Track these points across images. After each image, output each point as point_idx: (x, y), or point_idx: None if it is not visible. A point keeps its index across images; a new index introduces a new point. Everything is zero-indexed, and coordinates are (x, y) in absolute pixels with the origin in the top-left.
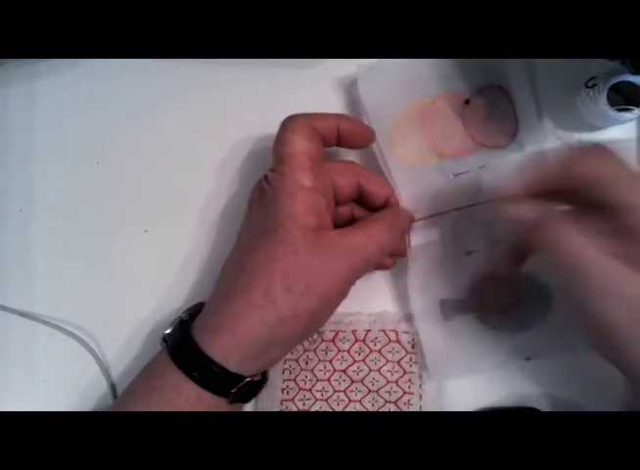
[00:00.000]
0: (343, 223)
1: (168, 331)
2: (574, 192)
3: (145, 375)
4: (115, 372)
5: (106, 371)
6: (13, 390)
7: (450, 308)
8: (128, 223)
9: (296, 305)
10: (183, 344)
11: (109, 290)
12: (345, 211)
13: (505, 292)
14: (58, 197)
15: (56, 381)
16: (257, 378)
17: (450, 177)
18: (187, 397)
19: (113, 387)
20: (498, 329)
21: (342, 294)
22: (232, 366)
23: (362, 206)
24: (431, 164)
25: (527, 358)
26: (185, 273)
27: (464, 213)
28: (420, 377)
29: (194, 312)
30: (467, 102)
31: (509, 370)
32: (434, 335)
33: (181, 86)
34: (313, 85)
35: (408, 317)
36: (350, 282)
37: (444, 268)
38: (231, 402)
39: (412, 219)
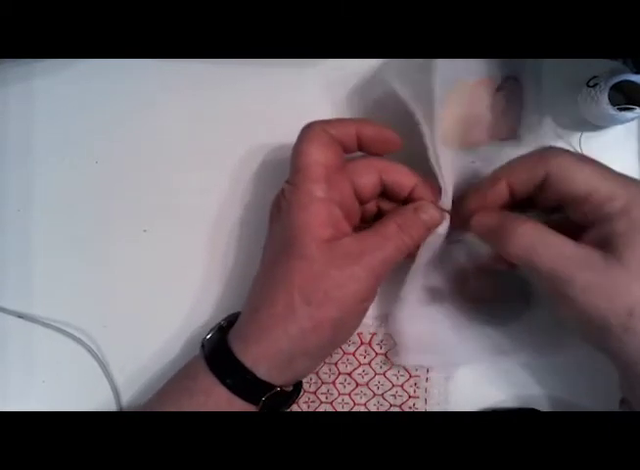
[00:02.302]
0: (371, 219)
1: (208, 336)
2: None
3: (178, 377)
4: (115, 372)
5: (106, 371)
6: (12, 391)
7: (432, 295)
8: (127, 223)
9: (315, 315)
10: (218, 349)
11: (107, 290)
12: (371, 207)
13: (487, 285)
14: (56, 196)
15: (55, 382)
16: (289, 389)
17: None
18: (217, 400)
19: (114, 387)
20: (475, 322)
21: (364, 300)
22: (262, 374)
23: (388, 198)
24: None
25: (500, 354)
26: (184, 273)
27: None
28: (425, 381)
29: (232, 320)
30: (498, 89)
31: (511, 372)
32: (411, 319)
33: (180, 86)
34: (313, 85)
35: None
36: (372, 286)
37: (430, 256)
38: (261, 410)
39: (441, 213)
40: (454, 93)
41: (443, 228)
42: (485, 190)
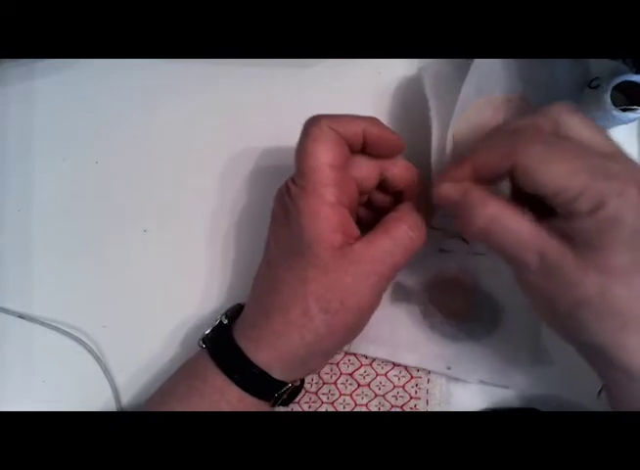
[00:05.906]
0: (361, 208)
1: (207, 332)
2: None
3: (184, 376)
4: (115, 372)
5: (106, 371)
6: (12, 391)
7: (401, 294)
8: (127, 223)
9: (331, 322)
10: (226, 348)
11: (107, 290)
12: (362, 197)
13: (458, 300)
14: (56, 197)
15: (55, 382)
16: (297, 383)
17: None
18: (230, 399)
19: (114, 387)
20: (435, 330)
21: (375, 304)
22: (276, 374)
23: (382, 190)
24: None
25: (448, 368)
26: (184, 274)
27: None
28: (427, 382)
29: (233, 315)
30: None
31: (513, 373)
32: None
33: (180, 86)
34: (313, 85)
35: None
36: (383, 290)
37: (414, 256)
38: (273, 405)
39: (433, 207)
40: (478, 103)
41: None
42: (447, 170)
